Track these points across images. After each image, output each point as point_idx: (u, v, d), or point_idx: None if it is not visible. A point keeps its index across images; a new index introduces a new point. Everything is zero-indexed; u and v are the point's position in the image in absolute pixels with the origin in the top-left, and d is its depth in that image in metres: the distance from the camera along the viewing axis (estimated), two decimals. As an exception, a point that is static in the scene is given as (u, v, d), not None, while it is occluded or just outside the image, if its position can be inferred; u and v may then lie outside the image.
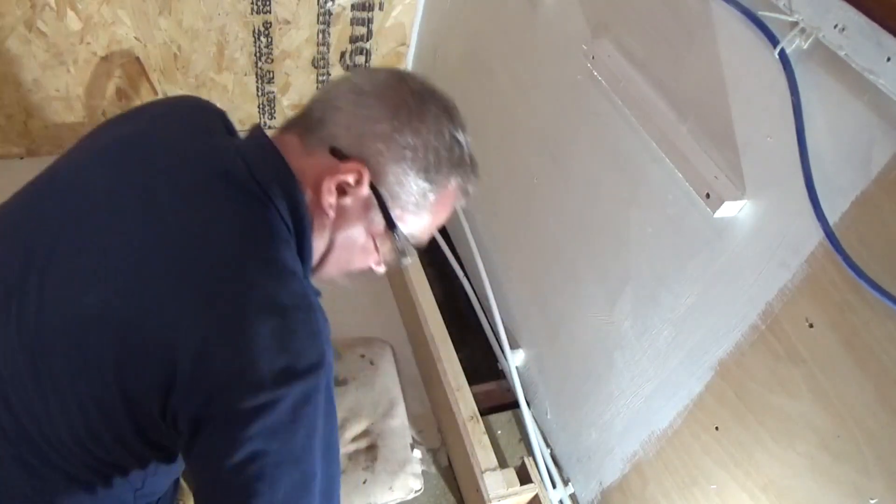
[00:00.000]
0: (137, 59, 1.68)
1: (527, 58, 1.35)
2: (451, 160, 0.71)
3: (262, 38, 1.76)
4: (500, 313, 1.51)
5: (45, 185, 0.75)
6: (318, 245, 0.72)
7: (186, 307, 0.60)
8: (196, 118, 0.77)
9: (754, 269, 0.84)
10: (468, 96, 1.63)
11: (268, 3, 1.69)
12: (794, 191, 0.76)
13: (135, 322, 0.61)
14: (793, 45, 0.73)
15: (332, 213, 0.69)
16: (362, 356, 1.47)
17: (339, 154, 0.67)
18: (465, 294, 1.66)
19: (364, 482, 1.25)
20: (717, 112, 0.86)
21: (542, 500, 1.23)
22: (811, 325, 0.77)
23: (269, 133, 0.71)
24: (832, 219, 0.72)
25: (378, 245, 0.74)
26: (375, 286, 1.67)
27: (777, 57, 0.75)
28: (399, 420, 1.37)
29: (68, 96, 1.69)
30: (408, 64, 1.95)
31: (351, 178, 0.67)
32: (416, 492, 1.28)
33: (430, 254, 1.79)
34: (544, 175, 1.33)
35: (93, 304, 0.62)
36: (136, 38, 1.64)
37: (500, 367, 1.54)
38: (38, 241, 0.67)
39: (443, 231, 1.80)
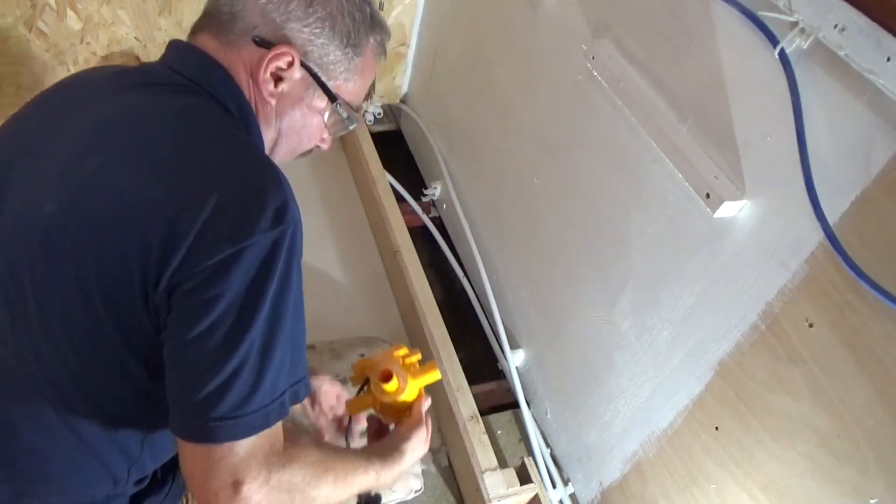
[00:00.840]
0: (137, 59, 1.68)
1: (527, 58, 1.35)
2: (364, 21, 0.74)
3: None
4: (500, 313, 1.51)
5: None
6: (268, 135, 0.75)
7: (142, 182, 0.61)
8: (117, 66, 0.80)
9: (754, 269, 0.84)
10: (468, 96, 1.63)
11: (268, 3, 1.69)
12: (794, 191, 0.76)
13: (99, 216, 0.61)
14: (793, 45, 0.73)
15: (273, 102, 0.72)
16: (362, 356, 1.47)
17: (263, 43, 0.69)
18: (465, 294, 1.66)
19: None
20: (717, 112, 0.86)
21: (542, 500, 1.23)
22: (811, 325, 0.77)
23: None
24: (832, 219, 0.72)
25: (324, 121, 0.76)
26: (375, 286, 1.68)
27: (777, 57, 0.75)
28: None
29: (68, 96, 1.69)
30: (408, 64, 1.95)
31: (283, 63, 0.69)
32: (416, 491, 1.28)
33: (430, 254, 1.79)
34: (544, 175, 1.33)
35: (49, 211, 0.62)
36: (136, 38, 1.64)
37: (500, 367, 1.54)
38: None
39: (443, 231, 1.81)
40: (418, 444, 0.86)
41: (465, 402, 1.32)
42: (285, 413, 0.64)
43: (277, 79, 0.71)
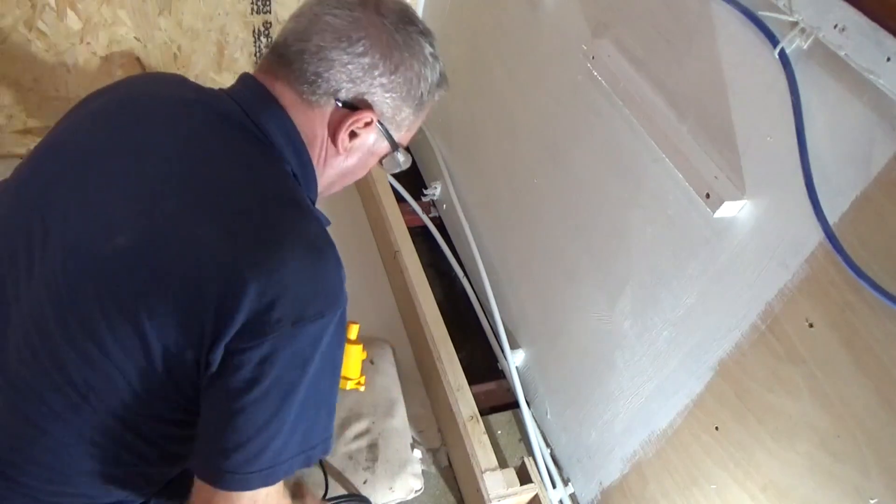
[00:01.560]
0: (137, 59, 1.68)
1: (527, 58, 1.35)
2: (434, 82, 0.80)
3: (262, 38, 1.76)
4: (500, 313, 1.51)
5: (44, 153, 0.76)
6: (327, 177, 0.80)
7: (215, 243, 0.64)
8: (174, 78, 0.82)
9: (754, 269, 0.84)
10: (468, 96, 1.63)
11: (268, 3, 1.69)
12: (794, 191, 0.76)
13: (172, 269, 0.64)
14: (793, 45, 0.73)
15: (343, 154, 0.78)
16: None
17: (346, 105, 0.73)
18: (465, 294, 1.66)
19: (364, 482, 1.25)
20: (717, 112, 0.86)
21: (542, 500, 1.23)
22: (811, 325, 0.77)
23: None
24: (832, 219, 0.72)
25: (378, 161, 0.83)
26: (375, 286, 1.68)
27: (777, 57, 0.75)
28: (399, 420, 1.37)
29: (68, 96, 1.69)
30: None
31: (363, 123, 0.75)
32: (416, 492, 1.28)
33: (430, 254, 1.79)
34: (544, 175, 1.33)
35: (122, 245, 0.64)
36: (136, 38, 1.64)
37: (500, 367, 1.54)
38: (48, 201, 0.70)
39: (443, 231, 1.81)
40: None
41: (465, 402, 1.32)
42: (292, 472, 0.70)
43: (352, 134, 0.76)
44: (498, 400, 1.50)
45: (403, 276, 1.56)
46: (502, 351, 1.49)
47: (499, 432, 1.45)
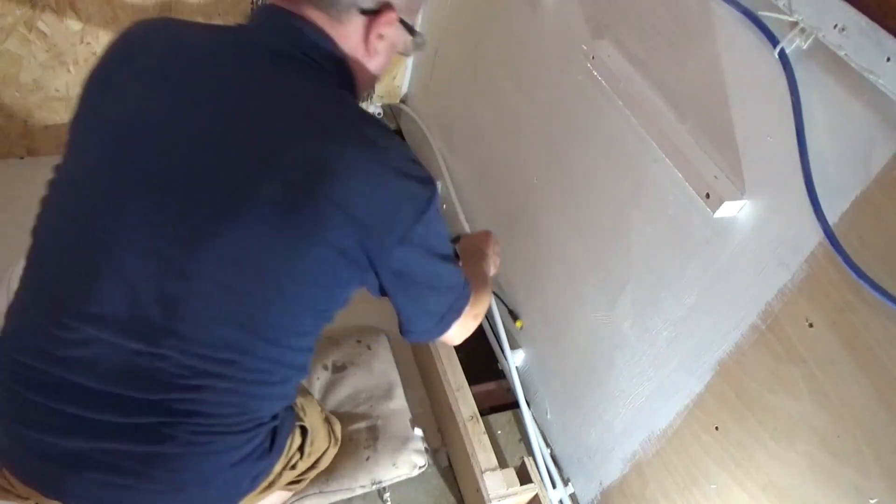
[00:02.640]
0: (137, 59, 1.68)
1: (527, 58, 1.35)
2: None
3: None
4: (500, 313, 1.51)
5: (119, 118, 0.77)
6: (365, 79, 0.85)
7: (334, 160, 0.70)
8: (194, 24, 0.84)
9: (754, 269, 0.84)
10: (468, 96, 1.63)
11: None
12: (794, 191, 0.76)
13: (327, 194, 0.70)
14: (793, 45, 0.73)
15: (374, 56, 0.82)
16: (359, 341, 1.48)
17: (368, 12, 0.78)
18: (465, 294, 1.66)
19: (367, 459, 1.26)
20: (717, 112, 0.86)
21: (542, 500, 1.23)
22: (811, 325, 0.77)
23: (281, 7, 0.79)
24: (832, 219, 0.72)
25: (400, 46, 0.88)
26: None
27: (777, 57, 0.75)
28: (399, 402, 1.37)
29: (68, 96, 1.69)
30: (408, 64, 1.95)
31: (387, 25, 0.79)
32: (419, 468, 1.28)
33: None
34: (544, 175, 1.33)
35: (286, 180, 0.70)
36: (136, 38, 1.64)
37: (500, 367, 1.54)
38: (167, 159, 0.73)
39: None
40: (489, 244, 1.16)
41: (465, 402, 1.32)
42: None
43: (379, 36, 0.80)
44: (498, 400, 1.50)
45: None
46: (502, 351, 1.49)
47: (499, 432, 1.45)
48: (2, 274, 1.46)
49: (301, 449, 0.98)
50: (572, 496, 1.33)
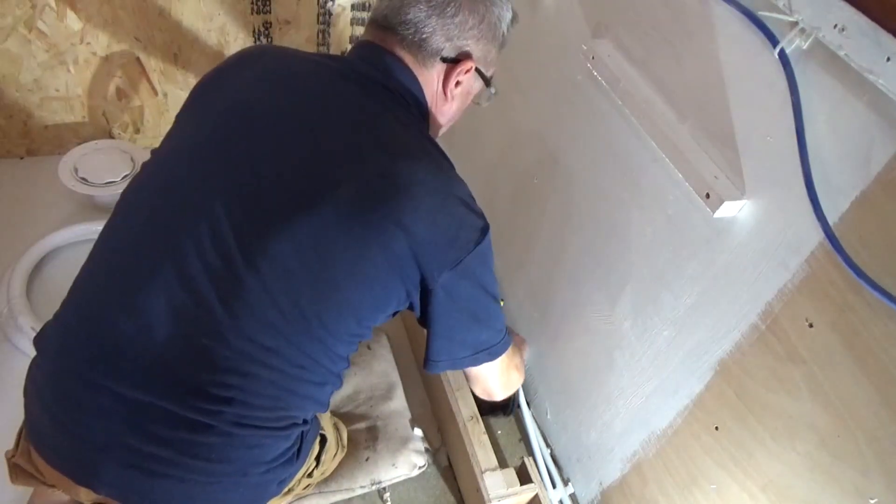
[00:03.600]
0: (137, 59, 1.69)
1: (527, 58, 1.35)
2: (509, 19, 0.92)
3: (262, 39, 1.76)
4: (500, 313, 1.51)
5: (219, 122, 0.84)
6: (441, 122, 0.96)
7: (406, 197, 0.77)
8: (297, 52, 0.93)
9: (754, 269, 0.84)
10: (468, 96, 1.63)
11: (268, 3, 1.69)
12: (794, 191, 0.76)
13: (386, 213, 0.76)
14: (792, 45, 0.73)
15: (451, 100, 0.93)
16: (369, 348, 1.48)
17: (449, 60, 0.88)
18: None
19: (367, 459, 1.26)
20: (717, 112, 0.86)
21: (542, 500, 1.23)
22: (811, 325, 0.77)
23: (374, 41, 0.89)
24: (832, 219, 0.72)
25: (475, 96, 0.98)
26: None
27: (777, 57, 0.75)
28: (398, 402, 1.37)
29: (68, 96, 1.69)
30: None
31: (464, 73, 0.89)
32: (419, 468, 1.28)
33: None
34: (544, 175, 1.33)
35: (356, 187, 0.76)
36: (136, 38, 1.64)
37: (500, 367, 1.54)
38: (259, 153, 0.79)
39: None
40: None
41: (465, 402, 1.32)
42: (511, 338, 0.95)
43: (457, 83, 0.91)
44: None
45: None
46: (502, 351, 1.49)
47: (499, 432, 1.45)
48: (2, 274, 1.47)
49: (318, 458, 1.01)
50: (572, 496, 1.33)
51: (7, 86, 1.61)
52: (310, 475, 1.02)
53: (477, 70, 0.91)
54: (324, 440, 1.02)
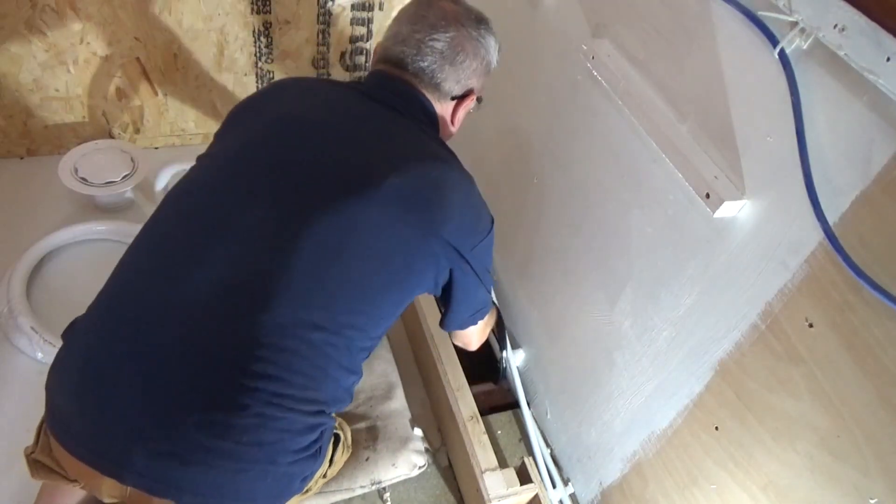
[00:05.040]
0: (137, 59, 1.69)
1: (527, 58, 1.35)
2: (496, 51, 1.07)
3: (262, 38, 1.76)
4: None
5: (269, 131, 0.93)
6: (446, 137, 1.08)
7: (435, 195, 0.90)
8: (336, 83, 1.06)
9: (754, 269, 0.84)
10: (468, 96, 1.63)
11: (268, 3, 1.69)
12: (794, 191, 0.76)
13: (425, 208, 0.89)
14: (792, 45, 0.73)
15: (455, 126, 1.08)
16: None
17: (457, 97, 1.04)
18: (465, 294, 1.66)
19: (367, 459, 1.26)
20: (717, 112, 0.86)
21: (542, 500, 1.23)
22: (811, 325, 0.77)
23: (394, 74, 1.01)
24: (832, 219, 0.72)
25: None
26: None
27: (777, 57, 0.75)
28: (398, 402, 1.37)
29: (68, 96, 1.69)
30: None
31: (470, 103, 1.06)
32: (419, 468, 1.29)
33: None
34: (544, 175, 1.33)
35: (400, 182, 0.87)
36: (136, 38, 1.64)
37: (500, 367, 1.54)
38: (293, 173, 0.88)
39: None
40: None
41: (465, 402, 1.32)
42: None
43: (463, 108, 1.06)
44: (498, 400, 1.50)
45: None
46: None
47: (499, 432, 1.45)
48: (2, 274, 1.47)
49: (331, 459, 1.03)
50: (572, 496, 1.33)
51: (7, 86, 1.61)
52: (324, 475, 1.04)
53: (476, 98, 1.08)
54: (337, 439, 1.05)
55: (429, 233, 0.88)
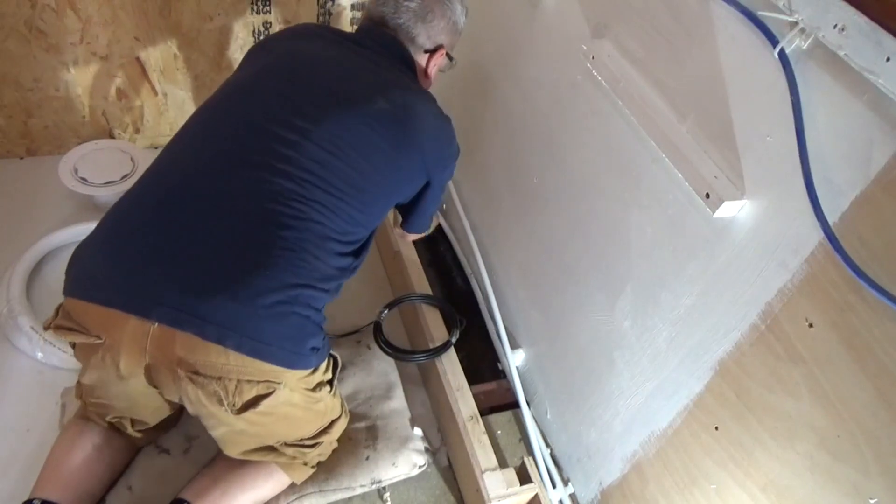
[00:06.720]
0: (137, 59, 1.69)
1: (527, 58, 1.35)
2: (463, 12, 1.27)
3: (261, 38, 1.76)
4: (500, 313, 1.51)
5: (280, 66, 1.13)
6: (424, 86, 1.28)
7: (417, 124, 1.12)
8: (332, 30, 1.26)
9: (754, 269, 0.84)
10: (468, 96, 1.63)
11: (268, 3, 1.69)
12: (794, 191, 0.76)
13: (412, 127, 1.11)
14: (792, 45, 0.73)
15: (430, 78, 1.29)
16: (358, 342, 1.48)
17: (429, 51, 1.24)
18: (466, 294, 1.66)
19: (367, 458, 1.26)
20: (716, 112, 0.86)
21: (542, 500, 1.23)
22: (811, 325, 0.77)
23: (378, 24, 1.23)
24: (832, 219, 0.72)
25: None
26: (376, 286, 1.68)
27: (777, 57, 0.75)
28: (398, 401, 1.37)
29: (68, 96, 1.69)
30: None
31: (440, 57, 1.26)
32: (419, 467, 1.28)
33: (431, 254, 1.79)
34: (544, 175, 1.33)
35: (386, 107, 1.08)
36: (136, 38, 1.64)
37: (500, 367, 1.54)
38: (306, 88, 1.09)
39: (442, 232, 1.81)
40: None
41: (465, 402, 1.32)
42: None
43: (435, 63, 1.26)
44: (498, 400, 1.50)
45: (404, 276, 1.56)
46: (503, 351, 1.49)
47: (499, 432, 1.45)
48: (2, 274, 1.47)
49: (331, 382, 1.13)
50: (572, 496, 1.33)
51: (7, 86, 1.61)
52: (331, 390, 1.12)
53: (447, 54, 1.27)
54: (336, 363, 1.15)
55: (412, 146, 1.11)
